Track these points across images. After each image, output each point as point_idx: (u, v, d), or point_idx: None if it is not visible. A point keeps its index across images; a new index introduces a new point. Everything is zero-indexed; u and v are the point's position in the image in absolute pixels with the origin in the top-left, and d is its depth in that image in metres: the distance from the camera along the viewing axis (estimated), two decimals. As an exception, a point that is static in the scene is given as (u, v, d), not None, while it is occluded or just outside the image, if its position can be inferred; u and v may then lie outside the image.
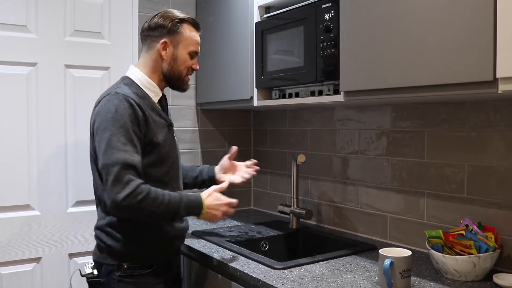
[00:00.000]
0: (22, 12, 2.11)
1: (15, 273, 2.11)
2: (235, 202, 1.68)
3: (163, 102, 1.74)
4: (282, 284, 1.45)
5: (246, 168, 1.97)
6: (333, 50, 1.68)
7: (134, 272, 1.60)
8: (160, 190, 1.54)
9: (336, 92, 1.73)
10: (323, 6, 1.72)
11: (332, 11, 1.68)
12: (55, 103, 2.19)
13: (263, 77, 2.05)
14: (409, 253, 1.41)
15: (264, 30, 2.03)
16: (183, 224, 1.74)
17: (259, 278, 1.51)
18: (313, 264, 1.66)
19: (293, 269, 1.60)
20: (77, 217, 2.24)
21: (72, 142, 2.23)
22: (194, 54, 1.71)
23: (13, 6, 2.09)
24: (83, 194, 2.22)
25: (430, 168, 1.80)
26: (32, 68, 2.14)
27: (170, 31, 1.65)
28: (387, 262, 1.37)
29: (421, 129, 1.83)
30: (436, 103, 1.77)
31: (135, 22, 2.38)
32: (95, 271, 1.63)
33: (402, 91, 1.46)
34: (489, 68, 1.21)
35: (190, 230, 1.96)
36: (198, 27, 1.72)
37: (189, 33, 1.68)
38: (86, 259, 2.16)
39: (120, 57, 2.34)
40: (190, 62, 1.70)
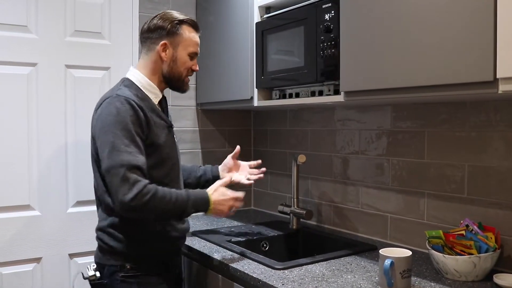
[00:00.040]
0: (23, 12, 2.11)
1: (16, 273, 2.11)
2: (242, 195, 1.68)
3: (163, 103, 1.74)
4: (283, 284, 1.45)
5: (250, 168, 2.00)
6: (333, 50, 1.68)
7: (137, 272, 1.60)
8: (166, 189, 1.54)
9: (336, 92, 1.73)
10: (324, 6, 1.72)
11: (332, 11, 1.68)
12: (56, 103, 2.19)
13: (263, 77, 2.05)
14: (409, 253, 1.41)
15: (264, 30, 2.03)
16: (184, 224, 1.74)
17: (260, 278, 1.51)
18: (313, 264, 1.66)
19: (293, 269, 1.60)
20: (77, 217, 2.24)
21: (72, 142, 2.23)
22: (194, 55, 1.71)
23: (13, 6, 2.09)
24: (84, 194, 2.22)
25: (430, 168, 1.80)
26: (32, 68, 2.14)
27: (170, 33, 1.65)
28: (388, 262, 1.37)
29: (421, 129, 1.83)
30: (436, 103, 1.77)
31: (135, 22, 2.38)
32: (98, 273, 1.62)
33: (402, 91, 1.46)
34: (489, 68, 1.21)
35: (190, 230, 1.96)
36: (197, 28, 1.72)
37: (188, 34, 1.68)
38: (86, 259, 2.17)
39: (120, 57, 2.34)
40: (190, 63, 1.70)
